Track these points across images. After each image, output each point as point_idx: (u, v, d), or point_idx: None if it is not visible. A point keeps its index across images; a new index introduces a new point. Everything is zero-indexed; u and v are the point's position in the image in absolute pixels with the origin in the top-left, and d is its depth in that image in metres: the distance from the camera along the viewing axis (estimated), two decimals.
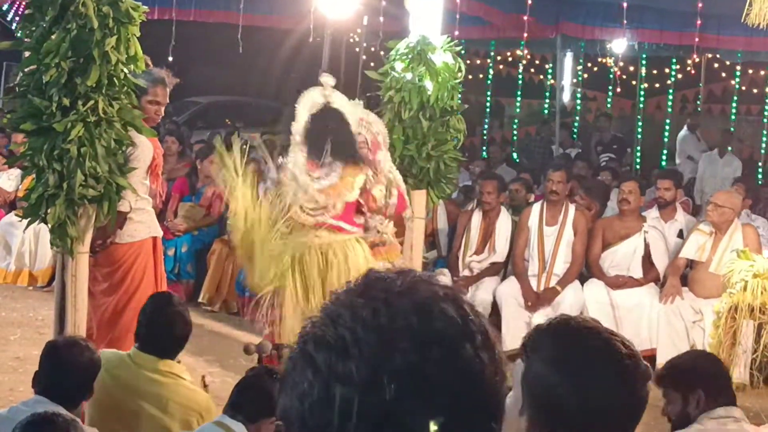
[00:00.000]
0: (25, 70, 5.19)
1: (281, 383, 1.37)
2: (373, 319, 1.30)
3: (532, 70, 19.00)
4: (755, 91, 17.29)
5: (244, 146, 6.13)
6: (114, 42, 5.09)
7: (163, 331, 4.66)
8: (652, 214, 9.10)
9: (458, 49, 7.76)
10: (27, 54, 5.25)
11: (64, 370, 4.07)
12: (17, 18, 14.78)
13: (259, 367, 4.54)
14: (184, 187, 10.56)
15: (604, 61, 18.03)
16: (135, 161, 5.66)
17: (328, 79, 6.42)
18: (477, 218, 9.03)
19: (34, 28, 5.19)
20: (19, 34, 5.34)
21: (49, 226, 5.19)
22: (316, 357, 1.30)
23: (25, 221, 5.35)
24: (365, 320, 1.30)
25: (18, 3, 14.12)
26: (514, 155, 16.39)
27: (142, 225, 6.00)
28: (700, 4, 8.78)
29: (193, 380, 4.95)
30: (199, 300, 9.56)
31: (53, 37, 5.05)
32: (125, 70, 5.21)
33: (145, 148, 5.84)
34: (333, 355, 1.29)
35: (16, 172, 10.69)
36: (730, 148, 13.60)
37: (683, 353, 6.44)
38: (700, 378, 4.02)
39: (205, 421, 4.53)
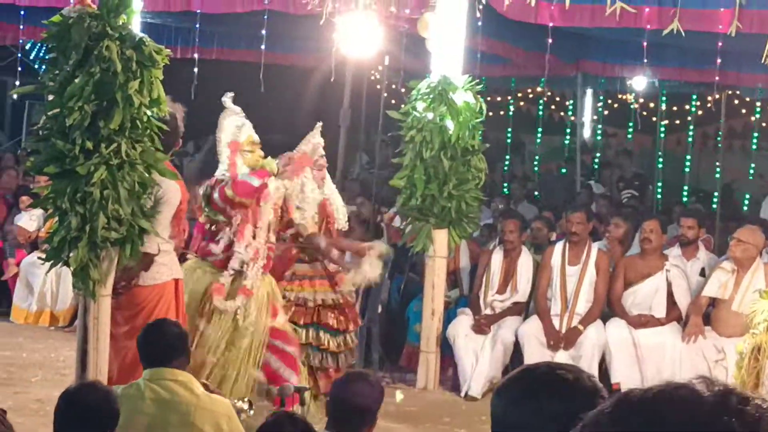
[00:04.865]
0: (49, 113, 5.23)
1: None
2: None
3: (553, 107, 18.98)
4: None
5: None
6: (137, 85, 5.13)
7: (156, 341, 4.61)
8: (674, 252, 9.05)
9: (479, 88, 7.78)
10: (51, 97, 5.29)
11: (81, 416, 3.95)
12: (39, 56, 14.88)
13: (280, 411, 4.50)
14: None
15: (624, 98, 18.00)
16: (163, 205, 5.67)
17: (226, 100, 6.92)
18: (498, 257, 8.96)
19: (57, 72, 5.24)
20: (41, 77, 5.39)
21: (72, 269, 5.21)
22: None
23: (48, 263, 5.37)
24: None
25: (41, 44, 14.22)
26: (536, 193, 16.34)
27: (164, 267, 5.99)
28: (719, 43, 8.76)
29: None
30: None
31: (77, 80, 5.10)
32: (148, 113, 5.25)
33: (175, 193, 5.85)
34: None
35: (38, 212, 10.69)
36: None
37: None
38: None
39: (233, 423, 4.49)
